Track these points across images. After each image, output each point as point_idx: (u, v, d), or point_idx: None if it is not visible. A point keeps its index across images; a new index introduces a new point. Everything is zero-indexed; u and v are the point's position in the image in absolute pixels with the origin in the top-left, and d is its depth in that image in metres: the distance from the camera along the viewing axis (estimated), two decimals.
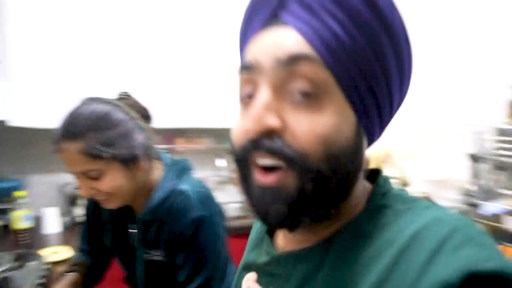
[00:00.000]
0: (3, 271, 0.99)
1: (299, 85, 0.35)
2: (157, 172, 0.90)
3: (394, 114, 0.41)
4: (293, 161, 0.34)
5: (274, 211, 0.36)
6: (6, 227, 1.68)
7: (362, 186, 0.42)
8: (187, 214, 0.84)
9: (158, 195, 0.86)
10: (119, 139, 0.76)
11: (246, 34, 0.41)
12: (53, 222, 1.83)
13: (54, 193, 2.10)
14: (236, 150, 0.38)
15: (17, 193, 1.67)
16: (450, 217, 0.34)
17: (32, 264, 1.26)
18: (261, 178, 0.36)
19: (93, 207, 1.00)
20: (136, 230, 0.90)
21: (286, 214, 0.35)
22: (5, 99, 1.51)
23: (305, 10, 0.35)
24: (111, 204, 0.81)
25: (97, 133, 0.73)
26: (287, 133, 0.35)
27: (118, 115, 0.78)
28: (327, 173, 0.34)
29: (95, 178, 0.74)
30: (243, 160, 0.38)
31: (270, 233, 0.49)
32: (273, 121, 0.35)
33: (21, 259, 1.25)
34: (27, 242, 1.55)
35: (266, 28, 0.37)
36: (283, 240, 0.46)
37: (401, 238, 0.34)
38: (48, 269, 1.25)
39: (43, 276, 1.24)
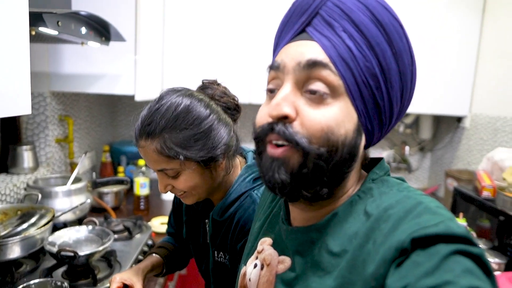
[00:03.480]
0: (109, 245, 1.06)
1: (314, 85, 0.42)
2: (238, 171, 0.84)
3: (394, 122, 0.48)
4: (298, 144, 0.42)
5: (278, 178, 0.43)
6: (130, 190, 1.89)
7: (358, 175, 0.49)
8: (249, 223, 0.77)
9: (230, 197, 0.80)
10: (197, 140, 0.70)
11: (278, 43, 0.49)
12: None
13: None
14: (256, 130, 0.46)
15: (140, 161, 1.84)
16: (416, 195, 0.42)
17: (138, 236, 1.36)
18: (271, 150, 0.44)
19: None
20: (209, 227, 0.87)
21: (288, 182, 0.43)
22: (133, 75, 1.62)
23: (327, 27, 0.43)
24: (188, 200, 0.80)
25: (173, 133, 0.69)
26: (298, 121, 0.42)
27: (199, 111, 0.71)
28: (325, 155, 0.42)
29: (172, 176, 0.73)
30: (261, 138, 0.45)
31: (287, 215, 0.55)
32: (288, 110, 0.42)
33: (131, 229, 1.37)
34: (142, 209, 1.70)
35: (294, 39, 0.45)
36: (294, 220, 0.53)
37: (377, 211, 0.42)
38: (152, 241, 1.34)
39: (148, 246, 1.34)
